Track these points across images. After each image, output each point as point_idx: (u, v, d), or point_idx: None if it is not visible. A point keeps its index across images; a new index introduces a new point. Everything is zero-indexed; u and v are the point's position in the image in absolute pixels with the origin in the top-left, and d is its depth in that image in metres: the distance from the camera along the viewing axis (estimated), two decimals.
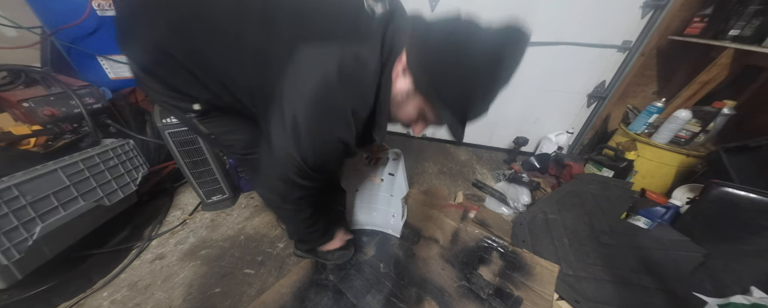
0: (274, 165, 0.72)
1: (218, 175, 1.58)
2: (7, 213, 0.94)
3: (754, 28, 1.38)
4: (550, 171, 2.04)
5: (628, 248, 1.29)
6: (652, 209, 1.49)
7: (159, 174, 1.68)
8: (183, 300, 1.18)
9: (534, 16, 1.84)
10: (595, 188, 1.60)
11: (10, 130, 1.15)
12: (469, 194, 1.91)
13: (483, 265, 1.30)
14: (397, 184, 1.23)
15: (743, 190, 1.21)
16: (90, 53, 1.64)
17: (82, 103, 1.34)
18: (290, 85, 0.62)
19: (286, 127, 0.64)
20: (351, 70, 0.61)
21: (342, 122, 0.66)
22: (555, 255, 1.32)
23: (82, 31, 1.56)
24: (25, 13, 1.52)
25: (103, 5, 1.55)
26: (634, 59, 1.81)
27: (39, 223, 1.02)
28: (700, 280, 1.13)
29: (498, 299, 1.15)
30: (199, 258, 1.37)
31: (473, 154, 2.48)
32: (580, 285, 1.19)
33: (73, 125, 1.34)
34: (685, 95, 1.76)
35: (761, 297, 0.97)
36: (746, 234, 1.18)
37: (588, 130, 2.22)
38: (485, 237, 1.42)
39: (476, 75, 0.56)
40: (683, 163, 1.65)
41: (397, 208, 1.34)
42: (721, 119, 1.56)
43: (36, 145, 1.20)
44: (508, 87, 0.61)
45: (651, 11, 1.68)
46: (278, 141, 0.67)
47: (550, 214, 1.52)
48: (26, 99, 1.22)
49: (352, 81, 0.62)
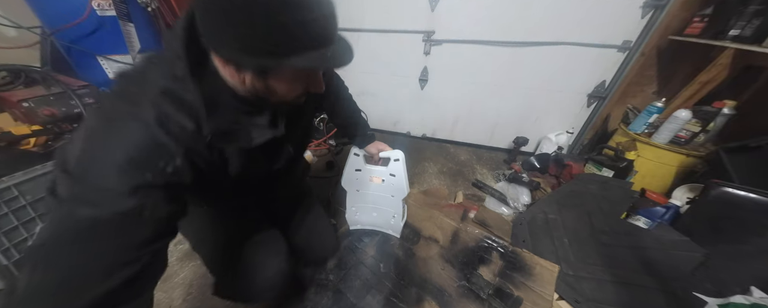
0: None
1: None
2: (7, 213, 0.94)
3: (754, 28, 1.38)
4: (550, 171, 2.04)
5: (628, 248, 1.29)
6: (652, 209, 1.49)
7: None
8: (183, 300, 1.18)
9: (534, 15, 1.84)
10: (595, 188, 1.60)
11: (10, 130, 1.15)
12: (469, 194, 1.91)
13: (483, 265, 1.30)
14: (398, 185, 1.22)
15: (743, 190, 1.21)
16: (90, 53, 1.64)
17: (81, 103, 1.34)
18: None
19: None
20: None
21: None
22: (555, 255, 1.32)
23: (82, 31, 1.56)
24: (24, 12, 1.52)
25: (103, 5, 1.55)
26: (634, 59, 1.81)
27: (39, 223, 1.02)
28: (700, 280, 1.13)
29: (498, 299, 1.15)
30: (199, 259, 1.37)
31: (473, 153, 2.48)
32: (580, 285, 1.19)
33: (73, 125, 1.34)
34: (685, 95, 1.76)
35: (761, 297, 0.97)
36: (746, 234, 1.17)
37: (588, 129, 2.22)
38: (485, 237, 1.42)
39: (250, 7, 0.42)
40: (683, 163, 1.65)
41: (398, 209, 1.34)
42: (721, 119, 1.56)
43: (36, 144, 1.20)
44: (508, 87, 0.58)
45: (651, 11, 1.68)
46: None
47: (550, 214, 1.52)
48: (26, 99, 1.22)
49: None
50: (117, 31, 1.66)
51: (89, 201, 0.40)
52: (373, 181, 1.26)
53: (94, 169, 0.42)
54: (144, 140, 0.44)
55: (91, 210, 0.40)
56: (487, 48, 2.02)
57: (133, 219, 0.42)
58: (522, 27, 1.90)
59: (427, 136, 2.69)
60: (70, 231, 0.40)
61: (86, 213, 0.40)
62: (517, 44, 1.97)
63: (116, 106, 0.48)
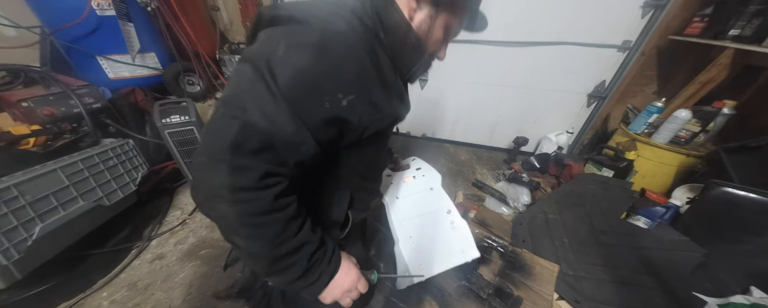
0: (215, 133, 0.44)
1: None
2: (7, 213, 0.94)
3: (754, 28, 1.38)
4: (550, 171, 2.04)
5: (628, 248, 1.29)
6: (652, 209, 1.49)
7: (159, 174, 1.68)
8: (183, 300, 1.18)
9: (534, 16, 1.84)
10: (595, 188, 1.60)
11: (10, 130, 1.15)
12: (469, 194, 1.91)
13: (483, 265, 1.30)
14: (430, 175, 1.13)
15: (743, 190, 1.21)
16: (89, 53, 1.64)
17: (81, 103, 1.34)
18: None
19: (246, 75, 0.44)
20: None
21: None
22: (555, 255, 1.32)
23: (82, 31, 1.56)
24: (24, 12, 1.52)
25: (102, 5, 1.55)
26: (634, 59, 1.81)
27: (38, 223, 1.02)
28: (700, 280, 1.13)
29: (498, 299, 1.15)
30: (199, 258, 1.37)
31: (473, 153, 2.48)
32: (580, 285, 1.19)
33: (73, 125, 1.34)
34: (685, 95, 1.76)
35: (761, 297, 0.97)
36: (746, 234, 1.17)
37: (588, 129, 2.22)
38: (485, 237, 1.42)
39: None
40: (683, 163, 1.65)
41: (456, 222, 1.08)
42: (721, 119, 1.56)
43: (35, 144, 1.20)
44: (508, 87, 0.60)
45: (651, 11, 1.68)
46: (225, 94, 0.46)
47: (550, 214, 1.52)
48: (25, 99, 1.21)
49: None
50: (117, 30, 1.66)
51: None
52: (406, 182, 1.14)
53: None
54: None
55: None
56: (487, 48, 2.02)
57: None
58: (522, 27, 1.90)
59: (427, 135, 2.69)
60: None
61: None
62: (517, 44, 1.97)
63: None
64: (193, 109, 1.43)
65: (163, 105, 1.42)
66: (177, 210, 1.68)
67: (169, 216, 1.63)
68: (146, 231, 1.50)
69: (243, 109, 0.42)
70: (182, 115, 1.38)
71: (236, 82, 0.45)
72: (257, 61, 0.43)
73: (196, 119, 1.41)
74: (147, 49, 1.88)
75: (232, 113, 0.42)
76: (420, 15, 0.55)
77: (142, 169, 1.45)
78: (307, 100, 0.45)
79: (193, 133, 1.42)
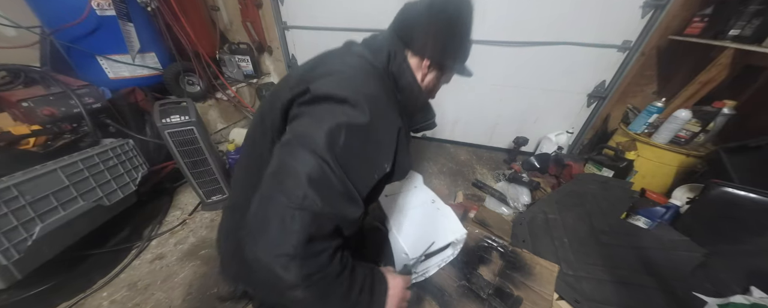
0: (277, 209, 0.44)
1: (218, 175, 1.58)
2: (7, 213, 0.94)
3: (754, 28, 1.38)
4: (550, 171, 2.04)
5: (628, 248, 1.29)
6: (652, 209, 1.49)
7: (159, 174, 1.68)
8: (182, 300, 1.18)
9: (534, 16, 1.84)
10: (595, 188, 1.60)
11: (10, 130, 1.15)
12: (469, 194, 1.91)
13: (483, 265, 1.30)
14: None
15: (743, 190, 1.21)
16: (89, 53, 1.64)
17: (81, 103, 1.34)
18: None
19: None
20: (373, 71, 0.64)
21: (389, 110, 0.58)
22: (555, 255, 1.31)
23: (82, 31, 1.56)
24: (24, 12, 1.52)
25: (102, 5, 1.55)
26: (634, 59, 1.81)
27: (38, 223, 1.02)
28: (700, 280, 1.13)
29: (498, 299, 1.15)
30: (199, 258, 1.37)
31: (473, 153, 2.48)
32: (580, 285, 1.19)
33: (73, 125, 1.34)
34: (685, 95, 1.76)
35: (761, 297, 0.97)
36: (746, 234, 1.17)
37: (588, 129, 2.22)
38: (485, 237, 1.42)
39: (460, 23, 0.67)
40: (683, 163, 1.65)
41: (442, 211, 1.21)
42: (721, 119, 1.56)
43: (35, 144, 1.20)
44: (508, 87, 0.63)
45: (651, 11, 1.68)
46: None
47: (550, 214, 1.52)
48: (25, 98, 1.21)
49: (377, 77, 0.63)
50: (117, 30, 1.66)
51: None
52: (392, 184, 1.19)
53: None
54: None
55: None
56: (487, 48, 2.02)
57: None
58: (522, 27, 1.90)
59: (427, 135, 2.69)
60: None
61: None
62: (517, 44, 1.97)
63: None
64: (193, 109, 1.43)
65: (163, 105, 1.42)
66: (177, 210, 1.68)
67: (169, 216, 1.63)
68: (146, 231, 1.50)
69: (312, 199, 0.43)
70: (182, 115, 1.38)
71: (296, 171, 0.45)
72: (322, 152, 0.46)
73: (196, 119, 1.41)
74: (147, 49, 1.88)
75: (299, 204, 0.43)
76: (429, 77, 0.72)
77: (142, 169, 1.45)
78: (365, 179, 0.51)
79: (193, 133, 1.42)
